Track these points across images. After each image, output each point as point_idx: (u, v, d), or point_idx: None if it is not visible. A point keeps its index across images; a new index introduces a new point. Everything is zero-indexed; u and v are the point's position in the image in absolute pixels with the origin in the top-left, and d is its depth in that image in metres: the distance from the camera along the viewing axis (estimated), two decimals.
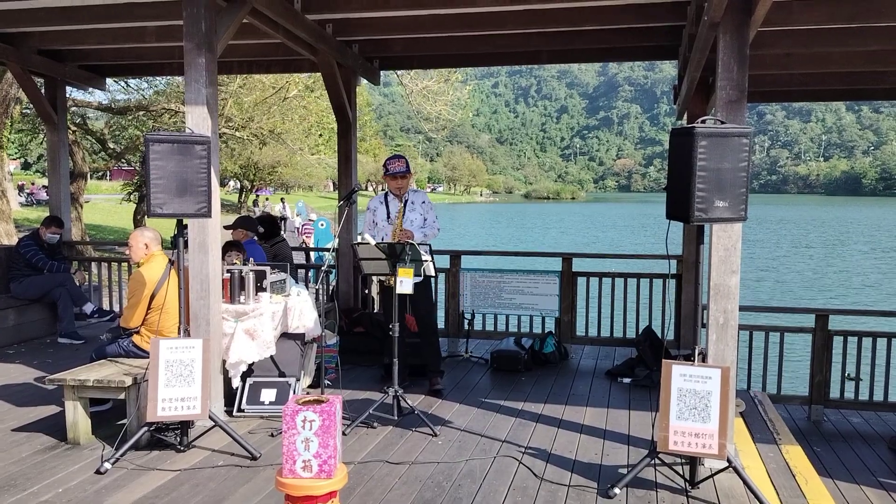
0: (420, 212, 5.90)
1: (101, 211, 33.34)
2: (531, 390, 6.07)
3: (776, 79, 7.49)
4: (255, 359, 5.22)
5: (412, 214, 5.87)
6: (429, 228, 5.90)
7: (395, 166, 5.81)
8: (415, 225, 5.84)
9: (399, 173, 5.81)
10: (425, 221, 5.90)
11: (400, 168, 5.81)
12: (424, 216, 5.91)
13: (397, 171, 5.80)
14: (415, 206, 5.91)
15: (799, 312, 7.61)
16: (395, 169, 5.81)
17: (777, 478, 4.39)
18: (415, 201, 5.93)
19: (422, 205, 5.93)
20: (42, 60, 8.06)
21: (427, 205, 5.96)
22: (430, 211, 5.96)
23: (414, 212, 5.88)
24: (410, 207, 5.89)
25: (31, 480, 4.04)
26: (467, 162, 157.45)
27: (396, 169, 5.80)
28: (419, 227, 5.86)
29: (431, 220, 5.93)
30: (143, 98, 18.26)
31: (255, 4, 5.23)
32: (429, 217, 5.92)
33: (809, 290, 24.18)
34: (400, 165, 5.82)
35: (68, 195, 8.87)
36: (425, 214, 5.91)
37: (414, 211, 5.89)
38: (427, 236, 5.86)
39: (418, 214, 5.88)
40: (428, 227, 5.90)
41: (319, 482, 2.95)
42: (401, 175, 5.82)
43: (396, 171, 5.80)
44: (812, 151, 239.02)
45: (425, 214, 5.91)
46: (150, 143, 4.17)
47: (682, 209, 3.73)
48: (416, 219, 5.87)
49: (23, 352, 7.23)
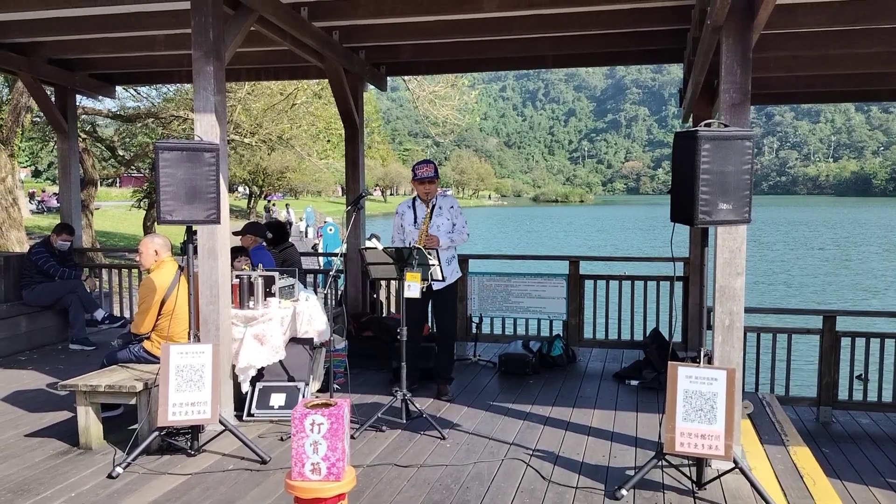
0: (447, 216, 5.88)
1: (111, 218, 33.56)
2: (539, 393, 6.09)
3: (782, 81, 7.50)
4: (265, 363, 5.27)
5: (439, 219, 5.86)
6: (456, 234, 5.88)
7: (423, 171, 5.81)
8: (442, 230, 5.83)
9: (427, 178, 5.80)
10: (454, 227, 5.89)
11: (428, 173, 5.80)
12: (453, 221, 5.89)
13: (425, 176, 5.80)
14: (442, 210, 5.89)
15: (806, 314, 7.61)
16: (423, 174, 5.81)
17: (785, 479, 4.40)
18: (442, 206, 5.91)
19: (450, 210, 5.90)
20: (53, 70, 8.15)
21: (455, 210, 5.93)
22: (459, 216, 5.93)
23: (441, 216, 5.87)
24: (438, 212, 5.88)
25: (43, 485, 4.09)
26: (475, 165, 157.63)
27: (424, 174, 5.80)
28: (447, 232, 5.84)
29: (460, 226, 5.91)
30: (153, 105, 18.39)
31: (262, 13, 5.29)
32: (458, 222, 5.90)
33: (822, 293, 24.00)
34: (428, 171, 5.81)
35: (79, 202, 8.95)
36: (453, 219, 5.89)
37: (441, 216, 5.87)
38: (454, 241, 5.85)
39: (445, 219, 5.86)
40: (456, 233, 5.88)
41: (328, 485, 2.99)
42: (428, 180, 5.81)
43: (424, 176, 5.80)
44: (821, 152, 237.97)
45: (453, 219, 5.89)
46: (159, 151, 4.22)
47: (686, 212, 3.76)
48: (444, 224, 5.85)
49: (35, 358, 7.30)
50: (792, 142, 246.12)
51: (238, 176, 36.98)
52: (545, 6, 5.80)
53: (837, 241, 46.68)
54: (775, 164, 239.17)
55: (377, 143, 45.29)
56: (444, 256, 5.77)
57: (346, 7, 6.05)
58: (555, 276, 7.81)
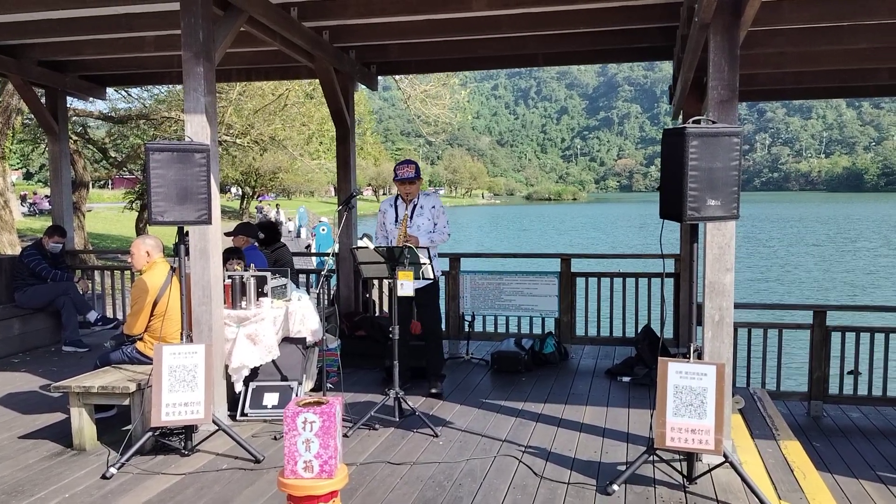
0: (429, 216, 5.88)
1: (103, 220, 33.47)
2: (531, 390, 6.12)
3: (770, 77, 7.54)
4: (258, 363, 5.28)
5: (419, 219, 5.87)
6: (437, 234, 5.89)
7: (404, 172, 5.83)
8: (422, 230, 5.84)
9: (407, 179, 5.82)
10: (435, 226, 5.90)
11: (408, 174, 5.82)
12: (434, 221, 5.89)
13: (405, 176, 5.82)
14: (423, 210, 5.90)
15: (797, 309, 7.66)
16: (403, 175, 5.82)
17: (775, 472, 4.43)
18: (424, 205, 5.92)
19: (431, 209, 5.91)
20: (43, 71, 8.13)
21: (437, 210, 5.93)
22: (442, 216, 5.94)
23: (422, 216, 5.88)
24: (419, 212, 5.89)
25: (37, 486, 4.09)
26: (468, 164, 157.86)
27: (404, 175, 5.82)
28: (427, 231, 5.85)
29: (441, 226, 5.92)
30: (144, 107, 18.34)
31: (251, 13, 5.29)
32: (439, 222, 5.91)
33: (817, 289, 24.01)
34: (408, 171, 5.82)
35: (70, 204, 8.94)
36: (435, 219, 5.90)
37: (422, 216, 5.88)
38: (433, 241, 5.85)
39: (426, 219, 5.87)
40: (436, 233, 5.89)
41: (321, 482, 3.01)
42: (409, 181, 5.83)
43: (405, 176, 5.82)
44: (813, 148, 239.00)
45: (435, 219, 5.90)
46: (150, 152, 4.23)
47: (675, 208, 3.78)
48: (424, 224, 5.86)
49: (28, 360, 7.29)
50: (784, 138, 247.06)
51: (230, 177, 36.91)
52: (533, 4, 5.82)
53: (832, 237, 46.80)
54: (767, 160, 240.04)
55: (369, 143, 45.15)
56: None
57: (336, 7, 6.06)
58: (546, 273, 7.84)
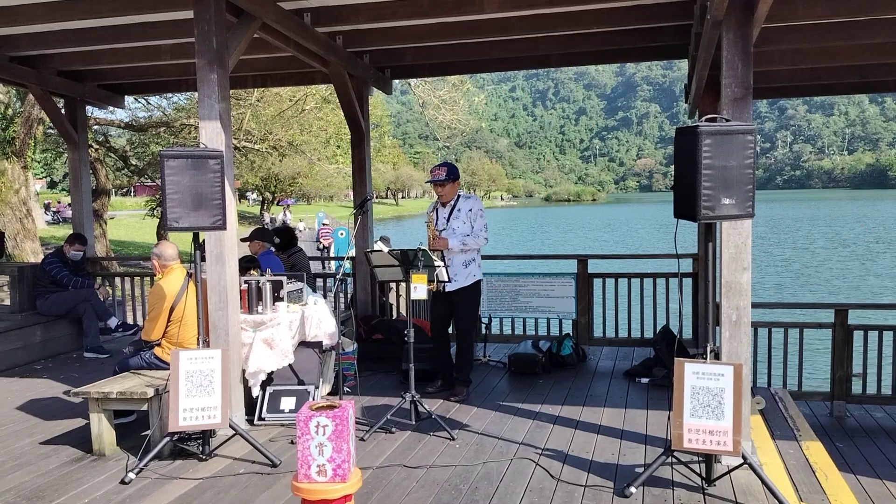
0: (465, 219, 5.84)
1: (125, 227, 33.82)
2: (549, 392, 6.09)
3: (786, 74, 7.46)
4: (274, 367, 5.30)
5: (456, 222, 5.83)
6: (472, 238, 5.80)
7: (435, 174, 5.84)
8: (458, 233, 5.80)
9: (437, 181, 5.82)
10: (472, 229, 5.86)
11: (438, 176, 5.81)
12: (471, 224, 5.84)
13: (436, 179, 5.83)
14: (460, 213, 5.86)
15: (818, 308, 7.56)
16: (435, 177, 5.84)
17: (796, 474, 4.38)
18: (461, 208, 5.88)
19: (468, 213, 5.85)
20: (62, 81, 8.24)
21: (474, 213, 5.86)
22: (479, 219, 5.87)
23: (458, 219, 5.84)
24: (456, 214, 5.86)
25: (58, 492, 4.14)
26: (486, 167, 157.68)
27: (435, 177, 5.83)
28: (463, 234, 5.80)
29: (478, 229, 5.85)
30: (164, 115, 18.52)
31: (264, 20, 5.33)
32: (476, 225, 5.85)
33: (842, 288, 23.62)
34: (439, 174, 5.82)
35: (91, 212, 9.04)
36: (472, 222, 5.84)
37: (458, 219, 5.84)
38: (466, 245, 5.77)
39: (462, 222, 5.83)
40: (472, 237, 5.81)
41: (334, 486, 3.01)
42: (439, 183, 5.83)
43: (435, 178, 5.84)
44: (836, 145, 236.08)
45: (472, 222, 5.84)
46: (164, 159, 4.27)
47: (689, 207, 3.75)
48: (460, 227, 5.82)
49: (50, 367, 7.38)
50: (806, 135, 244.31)
51: (250, 182, 37.12)
52: (545, 6, 5.81)
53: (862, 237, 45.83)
54: (789, 158, 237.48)
55: (388, 146, 45.19)
56: (460, 259, 5.77)
57: (348, 12, 6.07)
58: (563, 275, 7.80)
